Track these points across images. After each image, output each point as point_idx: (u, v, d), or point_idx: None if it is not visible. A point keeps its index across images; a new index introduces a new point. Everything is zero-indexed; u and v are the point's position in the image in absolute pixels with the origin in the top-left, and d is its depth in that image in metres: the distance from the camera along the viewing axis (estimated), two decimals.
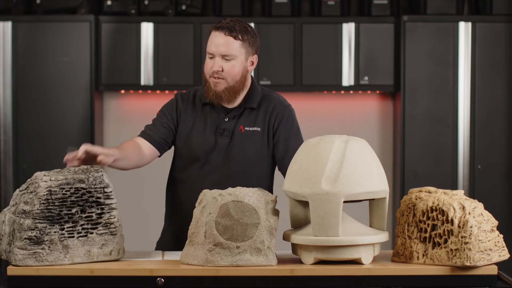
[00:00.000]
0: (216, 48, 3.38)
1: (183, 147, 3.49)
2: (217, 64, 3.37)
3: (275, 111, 3.47)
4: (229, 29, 3.37)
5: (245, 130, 3.44)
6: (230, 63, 3.37)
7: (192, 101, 3.52)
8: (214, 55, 3.39)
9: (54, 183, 2.90)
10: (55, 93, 6.44)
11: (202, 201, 2.98)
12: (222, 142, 3.43)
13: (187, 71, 6.50)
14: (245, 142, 3.43)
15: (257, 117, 3.46)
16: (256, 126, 3.45)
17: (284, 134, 3.45)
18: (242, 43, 3.38)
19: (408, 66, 6.47)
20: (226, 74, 3.37)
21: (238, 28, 3.38)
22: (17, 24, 6.41)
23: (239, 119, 3.45)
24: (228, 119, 3.45)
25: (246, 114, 3.46)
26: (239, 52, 3.38)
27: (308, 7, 6.70)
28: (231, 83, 3.39)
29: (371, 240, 2.91)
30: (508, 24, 6.47)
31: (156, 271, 2.88)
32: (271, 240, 2.92)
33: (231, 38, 3.37)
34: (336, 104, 6.79)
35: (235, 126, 3.44)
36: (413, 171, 6.46)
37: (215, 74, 3.38)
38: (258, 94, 3.49)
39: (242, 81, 3.42)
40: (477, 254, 2.84)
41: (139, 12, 6.59)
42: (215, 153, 3.44)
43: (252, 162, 3.44)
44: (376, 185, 2.90)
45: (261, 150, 3.44)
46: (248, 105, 3.46)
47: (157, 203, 6.92)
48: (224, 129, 3.43)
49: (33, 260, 2.87)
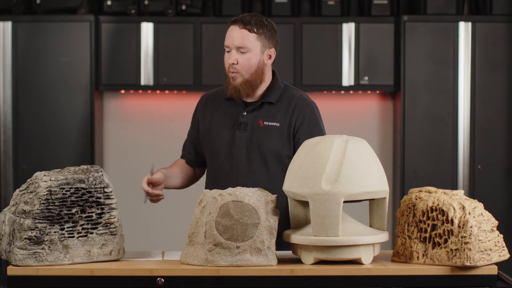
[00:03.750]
0: (232, 41, 3.44)
1: (204, 143, 3.56)
2: (233, 57, 3.43)
3: (297, 109, 3.49)
4: (244, 22, 3.43)
5: (264, 124, 3.47)
6: (245, 56, 3.43)
7: (213, 98, 3.59)
8: (230, 48, 3.45)
9: (54, 183, 2.90)
10: (55, 93, 6.44)
11: (202, 201, 2.98)
12: (240, 136, 3.47)
13: (187, 71, 6.50)
14: (263, 137, 3.46)
15: (277, 113, 3.49)
16: (276, 121, 3.48)
17: (306, 132, 3.47)
18: (257, 36, 3.44)
19: (408, 66, 6.47)
20: (240, 67, 3.42)
21: (254, 21, 3.44)
22: (17, 24, 6.41)
23: (258, 114, 3.49)
24: (246, 113, 3.49)
25: (265, 108, 3.50)
26: (254, 45, 3.43)
27: (308, 7, 6.70)
28: (246, 76, 3.44)
29: (371, 240, 2.91)
30: (508, 24, 6.47)
31: (156, 271, 2.88)
32: (271, 240, 2.92)
33: (246, 31, 3.43)
34: (336, 104, 6.79)
35: (254, 120, 3.48)
36: (413, 171, 6.46)
37: (231, 68, 3.44)
38: (279, 90, 3.52)
39: (259, 74, 3.46)
40: (477, 254, 2.84)
41: (139, 12, 6.59)
42: (234, 147, 3.48)
43: (270, 156, 3.46)
44: (376, 185, 2.90)
45: (279, 145, 3.47)
46: (266, 99, 3.50)
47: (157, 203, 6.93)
48: (242, 122, 3.47)
49: (33, 260, 2.88)
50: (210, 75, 6.49)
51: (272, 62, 3.52)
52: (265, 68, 3.48)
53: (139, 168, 6.86)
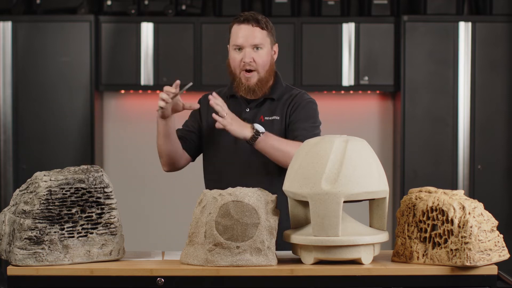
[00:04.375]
0: (245, 40, 3.47)
1: (208, 139, 3.58)
2: (248, 55, 3.46)
3: (293, 101, 3.55)
4: (255, 21, 3.49)
5: (264, 119, 3.52)
6: (259, 52, 3.48)
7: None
8: (243, 47, 3.47)
9: (54, 183, 2.90)
10: (55, 93, 6.44)
11: (202, 201, 2.98)
12: None
13: (187, 71, 6.50)
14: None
15: (277, 107, 3.54)
16: (275, 115, 3.53)
17: (296, 117, 3.51)
18: (267, 32, 3.51)
19: (408, 66, 6.47)
20: (257, 64, 3.47)
21: (261, 18, 3.51)
22: (17, 24, 6.41)
23: (259, 110, 3.54)
24: (249, 109, 3.54)
25: (266, 104, 3.55)
26: (266, 41, 3.51)
27: (308, 7, 6.70)
28: (262, 73, 3.49)
29: (371, 240, 2.91)
30: (508, 24, 6.47)
31: (156, 271, 2.88)
32: (271, 240, 2.92)
33: (258, 28, 3.49)
34: (336, 104, 6.79)
35: (256, 116, 3.53)
36: (413, 171, 6.46)
37: (246, 66, 3.47)
38: (281, 88, 3.58)
39: (271, 70, 3.54)
40: (477, 254, 2.84)
41: (139, 12, 6.59)
42: (237, 143, 3.50)
43: None
44: (376, 185, 2.90)
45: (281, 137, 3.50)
46: (268, 96, 3.55)
47: (157, 203, 6.94)
48: (245, 119, 3.50)
49: (33, 260, 2.88)
50: (210, 75, 6.49)
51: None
52: (274, 63, 3.56)
53: (139, 168, 6.87)
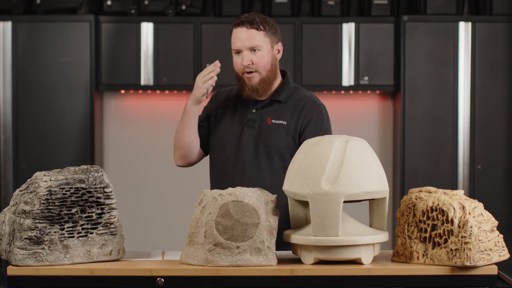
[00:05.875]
0: (242, 43, 3.47)
1: (213, 136, 3.58)
2: (246, 58, 3.46)
3: (305, 110, 3.53)
4: (249, 22, 3.47)
5: (271, 122, 3.51)
6: (258, 54, 3.47)
7: (226, 94, 3.63)
8: (241, 50, 3.47)
9: (54, 183, 2.90)
10: (55, 93, 6.44)
11: (202, 201, 2.98)
12: (248, 132, 3.51)
13: (187, 71, 6.50)
14: (270, 134, 3.50)
15: (285, 112, 3.53)
16: (283, 119, 3.52)
17: (311, 132, 3.49)
18: (265, 33, 3.49)
19: (408, 66, 6.47)
20: (256, 66, 3.47)
21: (258, 19, 3.49)
22: (17, 24, 6.41)
23: (266, 111, 3.53)
24: (255, 110, 3.53)
25: (274, 107, 3.54)
26: (264, 42, 3.48)
27: (308, 7, 6.70)
28: (264, 73, 3.48)
29: (371, 240, 2.91)
30: (508, 24, 6.47)
31: (156, 271, 2.88)
32: (271, 240, 2.92)
33: (254, 30, 3.47)
34: (336, 104, 6.79)
35: (262, 118, 3.52)
36: (413, 171, 6.46)
37: (246, 69, 3.47)
38: (289, 90, 3.57)
39: (274, 70, 3.52)
40: (477, 254, 2.84)
41: (139, 12, 6.59)
42: (241, 142, 3.51)
43: (275, 154, 3.49)
44: (376, 185, 2.90)
45: (285, 143, 3.50)
46: (275, 98, 3.54)
47: (157, 203, 6.94)
48: (250, 119, 3.51)
49: (33, 260, 2.88)
50: None
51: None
52: (277, 63, 3.55)
53: (139, 168, 6.86)
